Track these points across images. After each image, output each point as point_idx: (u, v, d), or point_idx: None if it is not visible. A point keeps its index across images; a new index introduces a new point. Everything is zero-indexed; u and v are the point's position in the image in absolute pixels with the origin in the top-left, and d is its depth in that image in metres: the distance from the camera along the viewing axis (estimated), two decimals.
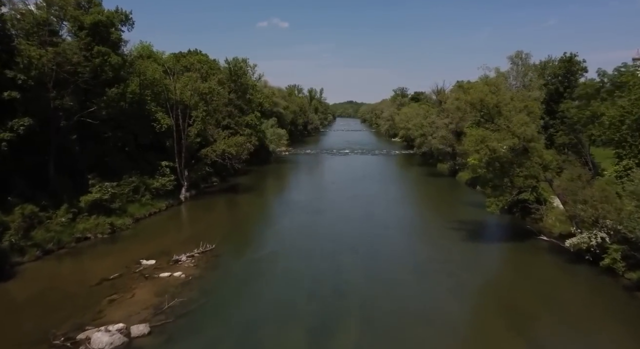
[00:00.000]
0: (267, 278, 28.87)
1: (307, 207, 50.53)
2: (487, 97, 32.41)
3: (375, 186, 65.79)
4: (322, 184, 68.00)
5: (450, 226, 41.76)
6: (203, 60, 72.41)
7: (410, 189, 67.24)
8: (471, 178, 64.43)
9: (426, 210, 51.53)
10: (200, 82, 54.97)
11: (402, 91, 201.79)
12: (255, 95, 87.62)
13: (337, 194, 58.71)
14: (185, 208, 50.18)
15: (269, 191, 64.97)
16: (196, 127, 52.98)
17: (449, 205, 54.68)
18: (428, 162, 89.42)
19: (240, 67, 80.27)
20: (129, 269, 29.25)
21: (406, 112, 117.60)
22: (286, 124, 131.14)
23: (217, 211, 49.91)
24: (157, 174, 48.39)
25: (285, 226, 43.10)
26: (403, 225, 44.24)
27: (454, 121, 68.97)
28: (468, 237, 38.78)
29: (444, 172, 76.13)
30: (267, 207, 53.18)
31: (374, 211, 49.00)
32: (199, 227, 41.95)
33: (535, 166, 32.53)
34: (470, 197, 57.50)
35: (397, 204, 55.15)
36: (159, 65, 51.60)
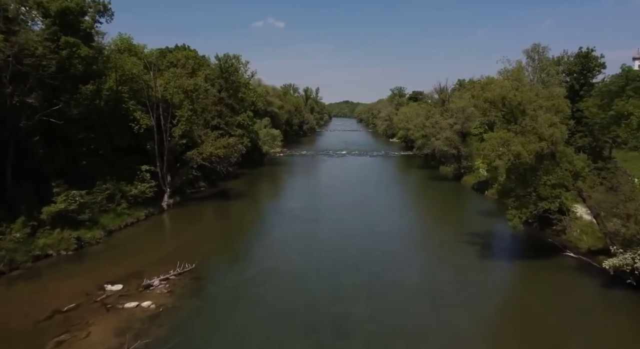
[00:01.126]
0: (254, 308, 24.25)
1: (303, 216, 45.97)
2: (509, 94, 27.94)
3: (375, 190, 61.33)
4: (318, 188, 63.45)
5: (460, 238, 37.34)
6: (191, 56, 67.78)
7: (412, 195, 62.81)
8: (478, 182, 60.18)
9: (432, 219, 47.10)
10: (187, 78, 50.22)
11: (400, 91, 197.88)
12: (248, 94, 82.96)
13: (334, 201, 54.18)
14: (167, 217, 45.46)
15: (262, 196, 60.29)
16: (180, 128, 48.23)
17: (456, 213, 50.29)
18: (429, 164, 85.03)
19: (232, 64, 75.62)
20: (89, 297, 24.58)
21: (405, 112, 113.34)
22: (281, 124, 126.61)
23: (203, 220, 45.20)
24: (136, 180, 43.66)
25: (278, 238, 38.52)
26: (408, 237, 39.77)
27: (459, 121, 64.62)
28: (482, 252, 34.37)
29: (448, 175, 71.79)
30: (258, 215, 48.55)
31: (375, 220, 44.53)
32: (180, 241, 37.29)
33: (564, 174, 28.11)
34: (478, 204, 53.17)
35: (400, 211, 50.71)
36: (139, 60, 46.78)
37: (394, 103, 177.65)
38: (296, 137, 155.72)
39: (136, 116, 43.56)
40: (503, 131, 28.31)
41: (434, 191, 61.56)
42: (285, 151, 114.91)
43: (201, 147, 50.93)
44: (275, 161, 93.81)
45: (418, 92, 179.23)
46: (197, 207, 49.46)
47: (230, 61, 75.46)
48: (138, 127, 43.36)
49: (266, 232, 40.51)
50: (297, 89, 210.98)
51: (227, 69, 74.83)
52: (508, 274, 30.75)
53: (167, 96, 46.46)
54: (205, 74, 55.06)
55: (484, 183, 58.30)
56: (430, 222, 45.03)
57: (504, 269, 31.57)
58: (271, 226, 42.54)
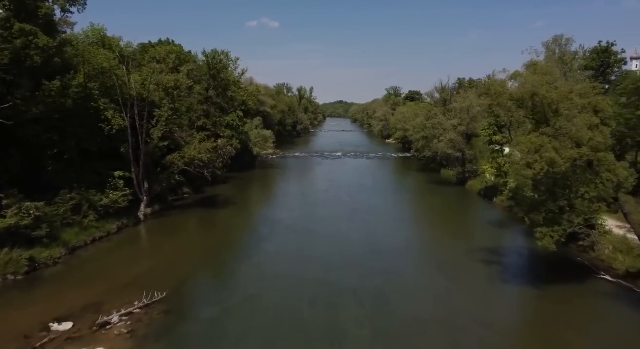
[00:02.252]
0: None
1: (296, 228, 41.28)
2: (542, 91, 23.40)
3: (374, 197, 56.75)
4: (313, 195, 58.73)
5: (474, 256, 32.85)
6: (175, 52, 62.80)
7: (414, 202, 58.21)
8: (485, 188, 55.76)
9: (439, 231, 42.50)
10: (167, 74, 45.28)
11: (396, 91, 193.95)
12: (238, 92, 78.07)
13: (330, 209, 49.51)
14: (143, 230, 40.54)
15: (252, 204, 55.37)
16: (160, 129, 43.31)
17: (465, 224, 45.80)
18: (430, 167, 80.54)
19: (220, 61, 70.60)
20: (27, 342, 19.69)
21: (403, 112, 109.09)
22: (274, 125, 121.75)
23: (184, 233, 40.26)
24: (108, 188, 38.70)
25: (268, 256, 33.76)
26: (414, 255, 35.16)
27: (464, 122, 60.20)
28: (502, 274, 29.88)
29: (450, 179, 67.35)
30: (247, 227, 43.70)
31: (376, 233, 39.92)
32: (154, 259, 32.43)
33: (606, 185, 23.63)
34: (488, 213, 48.73)
35: (403, 222, 46.15)
36: (112, 53, 41.67)
37: (390, 103, 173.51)
38: (290, 138, 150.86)
39: (107, 115, 38.56)
40: (534, 135, 23.71)
41: (437, 198, 57.04)
42: (278, 152, 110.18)
43: (183, 150, 46.07)
44: (268, 164, 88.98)
45: (415, 92, 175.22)
46: (178, 217, 44.54)
47: (218, 57, 70.48)
48: (109, 128, 38.35)
49: (255, 248, 35.71)
50: (290, 89, 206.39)
51: (214, 66, 69.89)
52: (538, 305, 26.04)
53: (144, 93, 41.55)
54: (188, 70, 49.98)
55: (491, 189, 53.91)
56: (437, 236, 40.47)
57: (532, 297, 26.84)
58: (261, 240, 37.75)
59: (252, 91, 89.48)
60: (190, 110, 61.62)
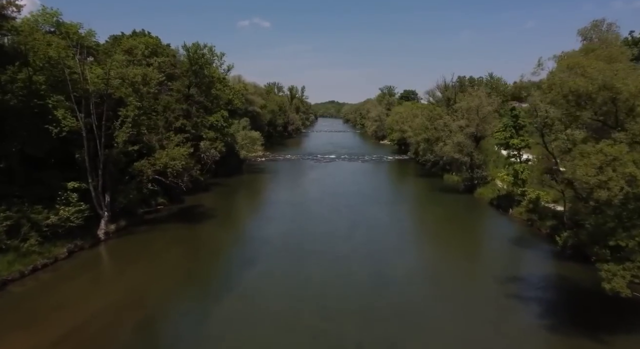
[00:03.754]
0: None
1: (287, 249, 34.96)
2: (617, 82, 17.34)
3: (373, 207, 50.58)
4: (306, 205, 52.38)
5: (501, 287, 26.92)
6: (151, 44, 56.20)
7: (420, 213, 51.83)
8: (498, 197, 49.83)
9: (452, 251, 36.27)
10: (134, 67, 38.63)
11: (390, 90, 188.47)
12: (223, 90, 71.42)
13: (326, 223, 43.23)
14: (103, 252, 33.91)
15: (236, 216, 48.66)
16: (125, 131, 36.73)
17: (481, 241, 39.79)
18: (430, 171, 74.67)
19: (202, 56, 63.90)
20: None
21: (400, 113, 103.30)
22: (263, 125, 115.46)
23: (152, 256, 33.57)
24: (58, 203, 32.05)
25: (250, 290, 27.31)
26: (427, 284, 28.94)
27: (472, 122, 54.26)
28: (542, 314, 23.85)
29: (456, 186, 61.35)
30: (229, 247, 37.20)
31: (380, 255, 33.76)
32: (108, 296, 25.77)
33: None
34: (504, 228, 42.81)
35: (409, 239, 40.06)
36: (68, 41, 34.83)
37: (384, 103, 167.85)
38: (280, 138, 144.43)
39: (57, 114, 31.87)
40: (605, 143, 17.62)
41: (444, 208, 50.95)
42: (268, 154, 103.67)
43: (153, 156, 39.52)
44: (256, 168, 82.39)
45: (410, 91, 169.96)
46: (148, 235, 37.91)
47: (200, 52, 63.78)
48: (58, 130, 31.68)
49: (236, 277, 29.28)
50: (281, 88, 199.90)
51: (196, 61, 63.20)
52: None
53: (104, 89, 34.91)
54: (159, 62, 43.20)
55: (506, 199, 47.97)
56: (451, 257, 34.30)
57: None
58: (244, 266, 31.29)
59: (239, 88, 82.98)
60: (167, 109, 55.11)
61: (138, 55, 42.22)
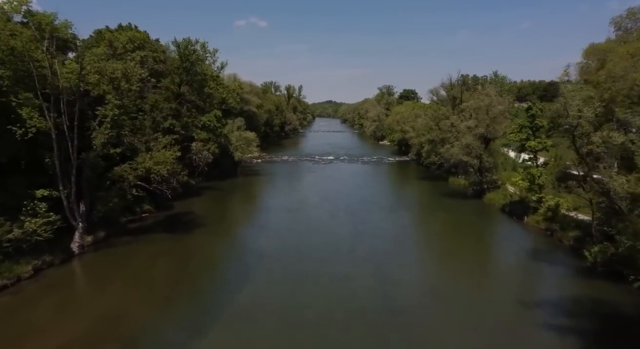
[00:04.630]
0: None
1: (282, 264, 31.37)
2: None
3: (377, 214, 46.97)
4: (304, 211, 48.72)
5: (533, 316, 23.44)
6: (138, 39, 52.44)
7: (428, 221, 47.45)
8: (510, 203, 46.35)
9: (468, 268, 32.34)
10: (113, 61, 34.86)
11: (389, 89, 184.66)
12: (217, 89, 67.84)
13: (326, 233, 39.64)
14: (76, 269, 30.18)
15: (228, 225, 44.63)
16: (104, 133, 33.05)
17: (498, 255, 36.13)
18: (434, 174, 70.96)
19: (194, 52, 60.22)
20: None
21: (401, 112, 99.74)
22: (260, 125, 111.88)
23: (131, 274, 29.73)
24: (23, 213, 28.32)
25: (242, 318, 23.72)
26: (444, 310, 25.21)
27: (482, 123, 50.71)
28: None
29: (462, 190, 57.89)
30: (218, 262, 33.48)
31: (387, 272, 30.21)
32: (73, 330, 21.96)
33: None
34: (521, 238, 39.31)
35: (419, 253, 36.48)
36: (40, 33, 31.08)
37: (383, 102, 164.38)
38: (277, 139, 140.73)
39: (23, 113, 28.13)
40: None
41: (453, 216, 47.34)
42: (264, 155, 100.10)
43: (135, 160, 35.85)
44: (252, 170, 78.66)
45: (409, 91, 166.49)
46: (129, 248, 34.20)
47: (191, 48, 60.09)
48: (23, 131, 27.94)
49: (224, 301, 25.62)
50: (278, 87, 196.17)
51: (187, 58, 59.53)
52: None
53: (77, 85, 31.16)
54: (141, 56, 39.33)
55: (519, 205, 44.45)
56: (467, 275, 30.61)
57: None
58: (234, 286, 27.65)
59: (234, 87, 79.29)
60: (155, 108, 51.46)
61: (119, 48, 38.46)
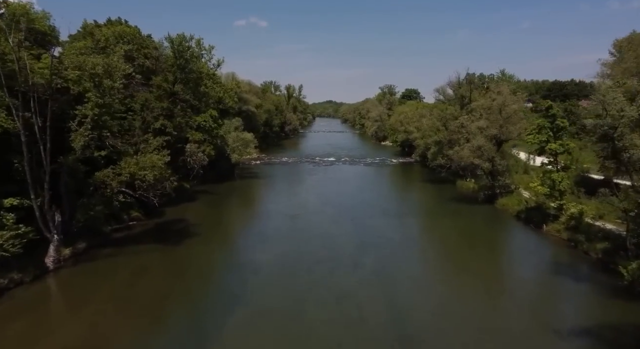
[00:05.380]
0: None
1: (282, 279, 28.18)
2: None
3: (383, 221, 43.76)
4: (305, 218, 45.51)
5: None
6: (128, 34, 49.27)
7: (438, 230, 43.14)
8: (526, 210, 43.14)
9: (487, 285, 29.10)
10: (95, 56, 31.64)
11: (390, 89, 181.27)
12: (213, 88, 64.65)
13: (329, 243, 36.39)
14: (50, 287, 26.96)
15: (222, 234, 40.89)
16: (83, 134, 29.86)
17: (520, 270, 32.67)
18: (440, 176, 67.62)
19: (188, 48, 57.02)
20: None
21: (405, 112, 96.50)
22: (259, 126, 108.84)
23: (112, 292, 26.37)
24: None
25: (235, 344, 20.54)
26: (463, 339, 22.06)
27: (495, 123, 47.51)
28: None
29: (472, 194, 54.69)
30: (210, 277, 29.98)
31: (396, 288, 27.09)
32: None
33: None
34: (541, 249, 36.15)
35: (431, 267, 33.22)
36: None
37: (385, 102, 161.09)
38: (277, 139, 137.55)
39: None
40: None
41: (465, 222, 44.09)
42: (263, 157, 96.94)
43: (119, 165, 32.67)
44: (250, 172, 75.45)
45: (412, 90, 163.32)
46: (111, 261, 30.96)
47: (185, 44, 56.88)
48: None
49: (216, 323, 22.39)
50: (278, 87, 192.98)
51: (181, 54, 56.32)
52: None
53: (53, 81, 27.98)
54: (125, 50, 35.98)
55: (536, 212, 41.20)
56: (486, 293, 27.36)
57: None
58: (227, 305, 24.47)
59: (231, 86, 76.05)
60: (145, 108, 48.26)
61: (101, 42, 35.22)
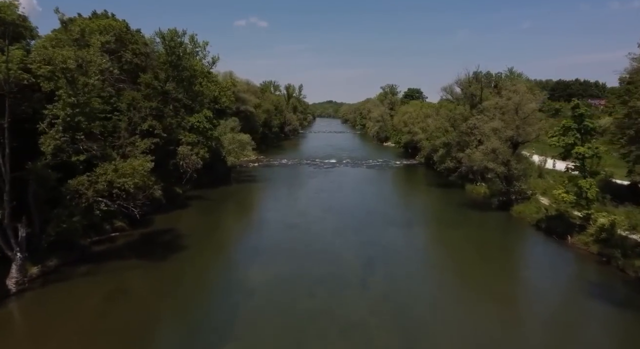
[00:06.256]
0: None
1: (279, 304, 24.49)
2: None
3: (389, 232, 40.11)
4: (305, 228, 41.82)
5: None
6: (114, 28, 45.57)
7: (452, 243, 38.46)
8: (546, 219, 39.51)
9: (514, 310, 25.45)
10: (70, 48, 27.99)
11: (392, 89, 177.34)
12: (208, 86, 61.11)
13: (332, 257, 32.73)
14: (10, 314, 23.27)
15: (214, 247, 36.59)
16: (54, 137, 26.23)
17: (551, 292, 28.82)
18: (447, 179, 63.98)
19: (180, 44, 53.42)
20: None
21: (409, 112, 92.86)
22: (258, 126, 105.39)
23: (81, 320, 22.66)
24: None
25: None
26: None
27: (511, 124, 43.82)
28: None
29: (484, 200, 51.05)
30: (195, 302, 26.23)
31: (410, 314, 23.42)
32: None
33: None
34: (570, 266, 32.53)
35: (448, 288, 29.46)
36: None
37: (387, 102, 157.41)
38: (276, 140, 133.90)
39: None
40: None
41: (480, 233, 40.36)
42: (262, 159, 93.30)
43: (94, 172, 28.99)
44: (247, 175, 71.73)
45: (414, 90, 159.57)
46: (85, 281, 27.23)
47: (177, 40, 53.26)
48: None
49: None
50: (278, 87, 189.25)
51: (173, 50, 52.71)
52: None
53: (5, 75, 24.34)
54: (102, 42, 32.14)
55: (558, 221, 37.52)
56: (514, 321, 23.77)
57: None
58: (213, 341, 20.81)
59: (227, 84, 72.32)
60: (132, 108, 44.61)
61: (75, 33, 31.55)
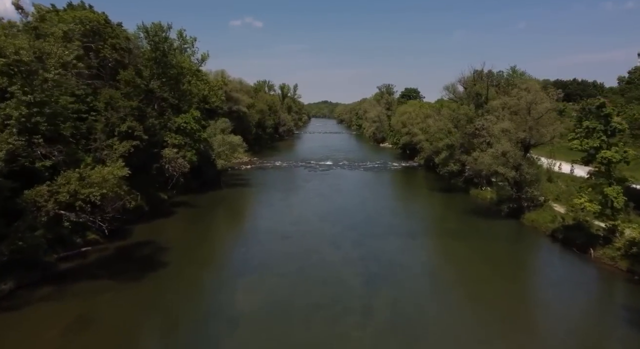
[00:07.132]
0: None
1: (268, 335, 20.81)
2: None
3: (392, 244, 36.52)
4: (299, 240, 38.15)
5: None
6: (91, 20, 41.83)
7: (461, 256, 34.63)
8: (564, 229, 36.09)
9: (539, 343, 22.42)
10: (24, 39, 24.21)
11: (388, 89, 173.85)
12: (196, 85, 57.35)
13: (329, 276, 29.10)
14: None
15: (197, 263, 32.05)
16: (6, 140, 22.43)
17: (581, 319, 25.46)
18: (450, 182, 60.58)
19: (165, 39, 49.61)
20: None
21: (408, 112, 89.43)
22: (251, 127, 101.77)
23: None
24: None
25: None
26: None
27: (522, 125, 40.37)
28: None
29: (491, 206, 47.67)
30: (171, 334, 22.59)
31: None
32: None
33: None
34: (596, 285, 29.06)
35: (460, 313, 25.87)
36: None
37: (383, 102, 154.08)
38: (270, 141, 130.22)
39: None
40: None
41: (492, 246, 36.77)
42: (255, 160, 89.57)
43: (55, 181, 25.19)
44: (239, 179, 67.86)
45: (412, 90, 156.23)
46: (44, 308, 23.42)
47: (162, 34, 49.44)
48: None
49: None
50: (272, 86, 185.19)
51: (157, 46, 48.87)
52: None
53: None
54: (64, 31, 28.15)
55: (578, 231, 34.10)
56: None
57: None
58: None
59: (217, 83, 68.51)
60: (110, 107, 40.76)
61: (33, 20, 27.72)
